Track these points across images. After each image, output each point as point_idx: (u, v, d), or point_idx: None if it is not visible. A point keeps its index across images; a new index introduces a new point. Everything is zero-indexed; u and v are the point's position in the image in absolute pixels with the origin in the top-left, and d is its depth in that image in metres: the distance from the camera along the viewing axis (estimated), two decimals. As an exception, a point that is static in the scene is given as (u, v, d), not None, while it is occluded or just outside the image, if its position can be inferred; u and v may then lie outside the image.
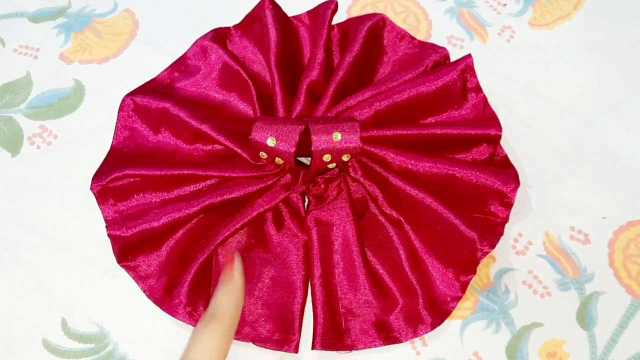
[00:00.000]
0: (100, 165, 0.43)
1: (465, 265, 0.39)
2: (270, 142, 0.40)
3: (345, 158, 0.41)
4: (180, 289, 0.40)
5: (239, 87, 0.45)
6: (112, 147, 0.44)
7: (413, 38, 0.47)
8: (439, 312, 0.39)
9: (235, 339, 0.39)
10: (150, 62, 0.48)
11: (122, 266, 0.41)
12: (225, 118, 0.45)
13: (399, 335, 0.39)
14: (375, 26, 0.46)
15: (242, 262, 0.37)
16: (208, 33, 0.47)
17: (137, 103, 0.44)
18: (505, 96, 0.47)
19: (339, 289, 0.40)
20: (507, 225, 0.41)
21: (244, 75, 0.45)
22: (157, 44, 0.50)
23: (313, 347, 0.39)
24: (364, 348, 0.39)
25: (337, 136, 0.40)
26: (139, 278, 0.40)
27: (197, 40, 0.47)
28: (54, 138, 0.46)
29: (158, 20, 0.51)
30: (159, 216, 0.40)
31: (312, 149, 0.40)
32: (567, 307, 0.41)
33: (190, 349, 0.32)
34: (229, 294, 0.35)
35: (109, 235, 0.41)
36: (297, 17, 0.48)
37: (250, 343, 0.39)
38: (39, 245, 0.43)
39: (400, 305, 0.40)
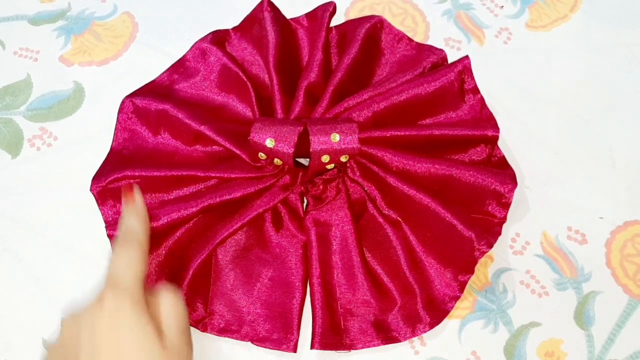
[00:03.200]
0: (100, 167, 0.43)
1: (463, 264, 0.40)
2: (269, 143, 0.40)
3: (343, 159, 0.41)
4: (179, 289, 0.40)
5: (238, 89, 0.46)
6: (111, 148, 0.44)
7: (411, 40, 0.48)
8: (438, 312, 0.40)
9: (234, 338, 0.39)
10: (149, 64, 0.48)
11: (121, 266, 0.41)
12: (224, 119, 0.45)
13: (397, 335, 0.39)
14: (373, 28, 0.47)
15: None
16: (207, 35, 0.47)
17: (137, 105, 0.44)
18: (502, 97, 0.47)
19: (337, 289, 0.40)
20: (504, 225, 0.41)
21: (243, 77, 0.45)
22: (157, 46, 0.50)
23: (312, 347, 0.39)
24: (362, 347, 0.39)
25: (336, 137, 0.40)
26: (138, 278, 0.41)
27: (196, 43, 0.47)
28: (54, 140, 0.46)
29: (157, 22, 0.51)
30: (158, 216, 0.40)
31: (311, 149, 0.40)
32: (565, 306, 0.41)
33: (112, 265, 0.33)
34: (135, 215, 0.37)
35: (108, 235, 0.41)
36: (295, 19, 0.49)
37: (249, 342, 0.39)
38: (39, 245, 0.43)
39: (398, 305, 0.40)
